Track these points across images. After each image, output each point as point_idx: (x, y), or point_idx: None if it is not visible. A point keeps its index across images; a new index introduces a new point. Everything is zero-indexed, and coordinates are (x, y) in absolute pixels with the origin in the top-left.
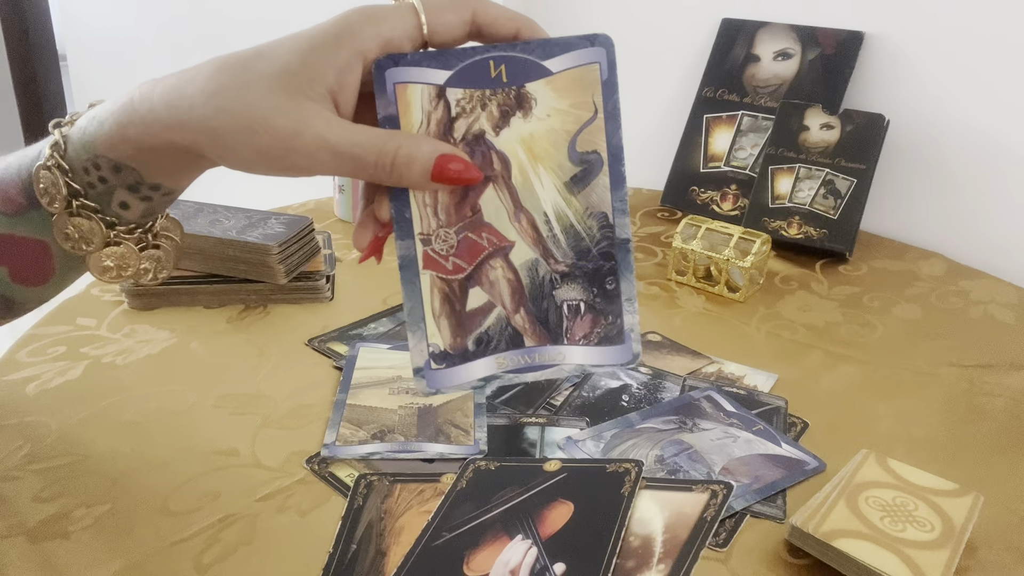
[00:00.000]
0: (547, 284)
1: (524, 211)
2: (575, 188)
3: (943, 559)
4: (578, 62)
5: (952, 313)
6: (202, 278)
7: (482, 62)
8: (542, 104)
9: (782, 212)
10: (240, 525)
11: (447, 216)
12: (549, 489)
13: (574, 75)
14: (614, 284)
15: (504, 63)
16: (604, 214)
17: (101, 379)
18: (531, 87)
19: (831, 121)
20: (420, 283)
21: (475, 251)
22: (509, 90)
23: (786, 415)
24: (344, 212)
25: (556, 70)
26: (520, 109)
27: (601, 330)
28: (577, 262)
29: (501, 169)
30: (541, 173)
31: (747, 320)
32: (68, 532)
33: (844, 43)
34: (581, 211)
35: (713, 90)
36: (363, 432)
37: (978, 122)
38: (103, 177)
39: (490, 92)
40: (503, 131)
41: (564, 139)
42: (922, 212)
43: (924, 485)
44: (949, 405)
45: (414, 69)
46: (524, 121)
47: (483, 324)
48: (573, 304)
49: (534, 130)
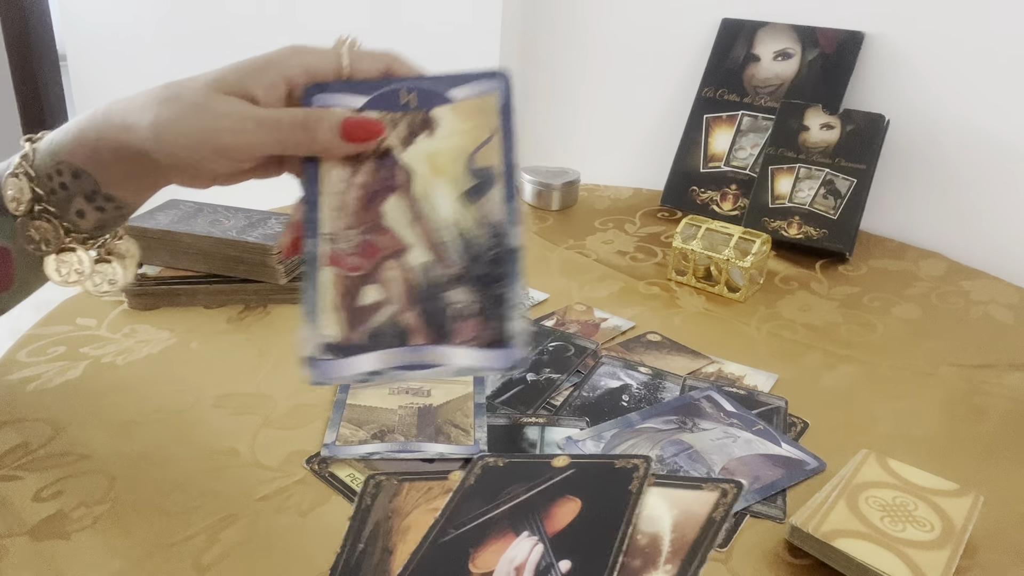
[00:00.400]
0: (438, 286)
1: (423, 218)
2: (471, 199)
3: (943, 559)
4: (479, 91)
5: (952, 313)
6: (202, 278)
7: (395, 91)
8: (445, 126)
9: (782, 212)
10: (240, 525)
11: (353, 219)
12: (557, 485)
13: (475, 103)
14: (502, 290)
15: (415, 91)
16: (497, 224)
17: (101, 379)
18: (437, 111)
19: (831, 121)
20: (320, 278)
21: (374, 251)
22: (417, 113)
23: (786, 415)
24: None
25: (460, 97)
26: (426, 130)
27: (487, 334)
28: (468, 267)
29: (404, 180)
30: (441, 185)
31: (747, 320)
32: (68, 532)
33: (844, 43)
34: (476, 220)
35: (713, 90)
36: (363, 432)
37: (978, 122)
38: (64, 183)
39: (400, 115)
40: (409, 147)
41: (463, 156)
42: (922, 212)
43: (924, 485)
44: (949, 405)
45: (337, 95)
46: (429, 140)
47: (376, 320)
48: (461, 307)
49: (438, 147)
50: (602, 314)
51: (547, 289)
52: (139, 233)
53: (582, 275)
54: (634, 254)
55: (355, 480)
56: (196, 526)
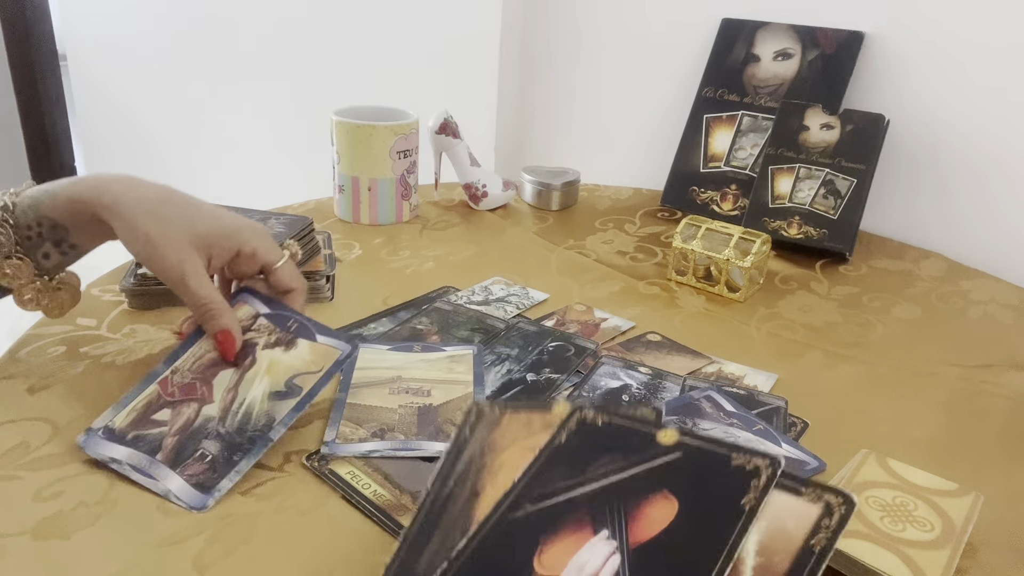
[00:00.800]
0: (204, 433)
1: (235, 391)
2: (273, 398)
3: (943, 559)
4: (333, 344)
5: (952, 313)
6: None
7: (289, 316)
8: (298, 351)
9: (782, 212)
10: (240, 525)
11: (197, 367)
12: (656, 473)
13: (325, 348)
14: (240, 458)
15: (298, 323)
16: (275, 420)
17: (101, 379)
18: (301, 340)
19: (831, 121)
20: (146, 387)
21: (190, 392)
22: (290, 335)
23: (786, 415)
24: (344, 212)
25: (319, 341)
26: (284, 346)
27: (203, 479)
28: (233, 433)
29: (247, 365)
30: (264, 380)
31: (747, 320)
32: (68, 532)
33: (844, 43)
34: (264, 411)
35: (713, 90)
36: (363, 430)
37: (978, 122)
38: (41, 233)
39: (279, 330)
40: (267, 348)
41: (291, 372)
42: (922, 212)
43: (924, 485)
44: (949, 405)
45: (255, 300)
46: (282, 352)
47: (148, 430)
48: (203, 453)
49: (282, 359)
50: (602, 314)
51: (547, 289)
52: None
53: (582, 275)
54: (634, 254)
55: (355, 478)
56: (196, 526)
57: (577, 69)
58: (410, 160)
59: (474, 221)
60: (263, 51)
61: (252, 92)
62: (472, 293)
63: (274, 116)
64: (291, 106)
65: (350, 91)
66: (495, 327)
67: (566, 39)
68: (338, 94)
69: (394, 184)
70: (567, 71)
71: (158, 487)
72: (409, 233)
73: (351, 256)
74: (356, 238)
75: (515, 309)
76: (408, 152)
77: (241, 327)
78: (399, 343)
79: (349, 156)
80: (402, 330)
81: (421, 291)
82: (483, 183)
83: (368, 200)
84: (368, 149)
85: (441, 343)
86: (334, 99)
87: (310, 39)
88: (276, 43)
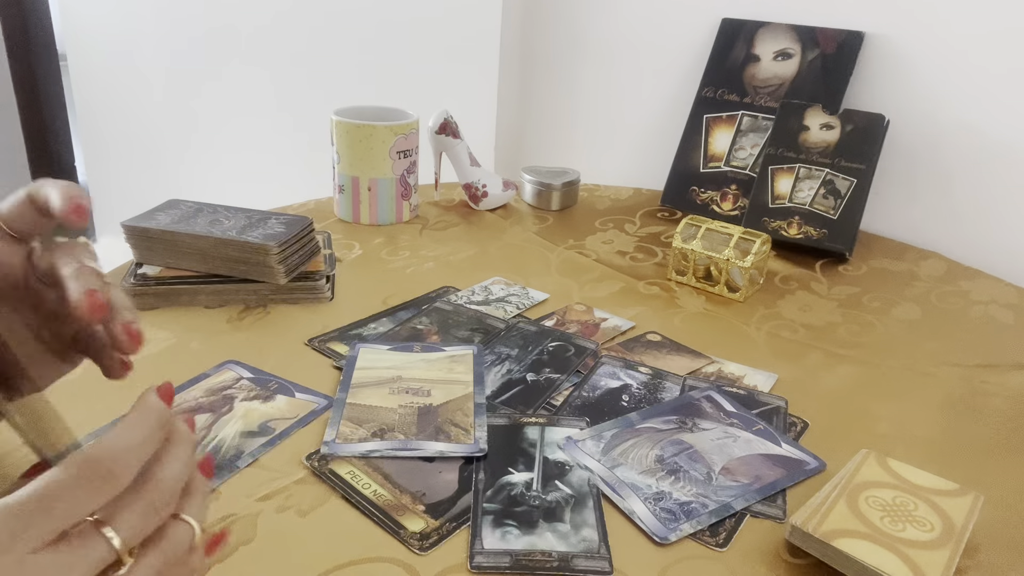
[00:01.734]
0: None
1: (208, 429)
2: (245, 436)
3: (943, 559)
4: (310, 399)
5: (952, 313)
6: (202, 278)
7: (270, 379)
8: (275, 403)
9: (782, 212)
10: (240, 525)
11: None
12: None
13: (303, 403)
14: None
15: (279, 384)
16: (242, 452)
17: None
18: (279, 396)
19: (831, 121)
20: None
21: None
22: (268, 392)
23: (786, 415)
24: (344, 212)
25: (298, 397)
26: (263, 400)
27: None
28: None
29: (224, 411)
30: (239, 422)
31: (747, 320)
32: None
33: (844, 43)
34: (233, 446)
35: (713, 90)
36: (363, 430)
37: (978, 122)
38: None
39: (259, 388)
40: (245, 401)
41: (264, 419)
42: (922, 212)
43: (924, 485)
44: (949, 405)
45: (240, 368)
46: (260, 403)
47: None
48: None
49: (259, 407)
50: (602, 314)
51: (547, 289)
52: (139, 233)
53: (582, 275)
54: (634, 254)
55: (355, 478)
56: None
57: (577, 69)
58: (410, 160)
59: (474, 221)
60: (263, 51)
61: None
62: (472, 293)
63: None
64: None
65: (350, 91)
66: (495, 327)
67: (566, 39)
68: (338, 94)
69: (394, 184)
70: (567, 71)
71: None
72: (409, 233)
73: (351, 256)
74: (356, 238)
75: (515, 309)
76: (408, 152)
77: (221, 387)
78: (399, 343)
79: (349, 156)
80: (402, 330)
81: (421, 291)
82: (483, 183)
83: (368, 200)
84: (368, 149)
85: (441, 343)
86: (334, 99)
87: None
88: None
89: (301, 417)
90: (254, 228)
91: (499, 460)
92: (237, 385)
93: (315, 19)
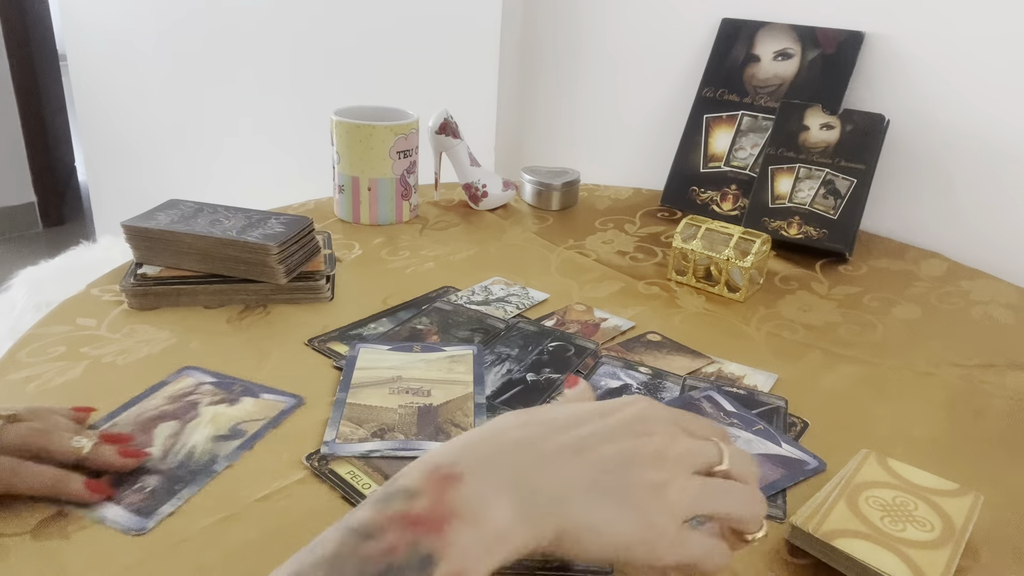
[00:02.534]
0: (144, 471)
1: (177, 437)
2: (217, 440)
3: (943, 559)
4: (276, 398)
5: (952, 313)
6: (202, 278)
7: (234, 381)
8: (242, 405)
9: (782, 212)
10: (240, 525)
11: (139, 421)
12: None
13: (267, 403)
14: (180, 487)
15: (244, 387)
16: (217, 456)
17: (101, 379)
18: (244, 398)
19: (831, 121)
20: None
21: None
22: (233, 395)
23: (786, 415)
24: (344, 212)
25: (263, 397)
26: (229, 403)
27: (142, 505)
28: (175, 469)
29: (189, 418)
30: (208, 426)
31: (747, 320)
32: (69, 532)
33: (844, 43)
34: (207, 450)
35: (713, 90)
36: (363, 430)
37: (978, 122)
38: None
39: (224, 391)
40: (210, 406)
41: (234, 422)
42: (922, 212)
43: (924, 485)
44: (949, 405)
45: (199, 372)
46: (227, 407)
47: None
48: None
49: (226, 411)
50: (602, 314)
51: (547, 289)
52: (139, 233)
53: (582, 275)
54: (634, 254)
55: (355, 478)
56: (196, 526)
57: (577, 69)
58: (410, 160)
59: (474, 221)
60: (263, 50)
61: (252, 92)
62: (472, 293)
63: (274, 116)
64: (291, 106)
65: (350, 91)
66: (495, 327)
67: (566, 39)
68: (338, 94)
69: (394, 184)
70: (567, 71)
71: (91, 515)
72: (409, 233)
73: (351, 256)
74: (356, 238)
75: (515, 309)
76: (408, 152)
77: (183, 393)
78: (399, 343)
79: (349, 156)
80: (402, 330)
81: (421, 291)
82: (483, 183)
83: (368, 200)
84: (368, 149)
85: (441, 343)
86: (334, 99)
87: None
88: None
89: (272, 417)
90: (254, 228)
91: None
92: (199, 390)
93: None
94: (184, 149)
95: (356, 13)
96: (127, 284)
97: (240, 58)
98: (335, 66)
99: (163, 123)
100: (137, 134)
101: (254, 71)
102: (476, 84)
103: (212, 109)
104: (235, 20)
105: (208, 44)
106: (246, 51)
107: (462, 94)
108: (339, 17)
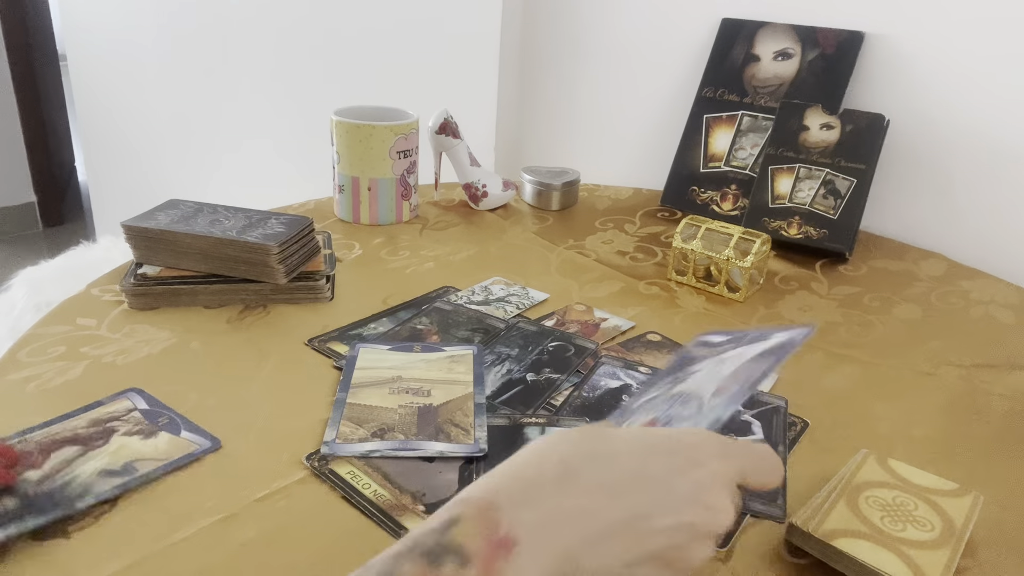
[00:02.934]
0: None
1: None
2: (103, 475)
3: (943, 559)
4: (194, 439)
5: (952, 313)
6: (202, 278)
7: (164, 412)
8: (155, 440)
9: (782, 212)
10: (240, 525)
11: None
12: None
13: (184, 443)
14: (30, 517)
15: (171, 419)
16: (89, 491)
17: (101, 379)
18: (163, 433)
19: (831, 121)
20: None
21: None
22: (155, 427)
23: (786, 415)
24: (344, 212)
25: (183, 436)
26: (144, 435)
27: None
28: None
29: (98, 445)
30: (104, 458)
31: (747, 320)
32: (69, 532)
33: (844, 43)
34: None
35: (713, 90)
36: (363, 430)
37: (978, 122)
38: None
39: (147, 423)
40: (125, 436)
41: (131, 456)
42: (922, 212)
43: (924, 485)
44: (949, 405)
45: (139, 398)
46: (139, 440)
47: None
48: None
49: (133, 444)
50: (602, 314)
51: (547, 289)
52: (139, 233)
53: (582, 275)
54: (634, 254)
55: (355, 478)
56: (196, 526)
57: (577, 69)
58: (410, 160)
59: (474, 221)
60: (263, 51)
61: (252, 92)
62: (472, 293)
63: (274, 116)
64: (291, 106)
65: (350, 91)
66: (495, 327)
67: (566, 39)
68: (338, 94)
69: (394, 184)
70: (567, 71)
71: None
72: (409, 233)
73: (351, 256)
74: (356, 238)
75: (515, 309)
76: (408, 152)
77: (107, 418)
78: (399, 343)
79: (349, 156)
80: (402, 330)
81: (421, 291)
82: (483, 183)
83: (368, 200)
84: (368, 149)
85: (441, 343)
86: (334, 99)
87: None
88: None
89: (173, 459)
90: (254, 228)
91: (499, 460)
92: (126, 417)
93: (315, 20)
94: (184, 149)
95: (357, 13)
96: (127, 284)
97: (240, 59)
98: (335, 67)
99: (163, 123)
100: (137, 134)
101: (254, 72)
102: (476, 84)
103: (212, 109)
104: (235, 20)
105: (208, 44)
106: (246, 52)
107: (462, 94)
108: (340, 17)
